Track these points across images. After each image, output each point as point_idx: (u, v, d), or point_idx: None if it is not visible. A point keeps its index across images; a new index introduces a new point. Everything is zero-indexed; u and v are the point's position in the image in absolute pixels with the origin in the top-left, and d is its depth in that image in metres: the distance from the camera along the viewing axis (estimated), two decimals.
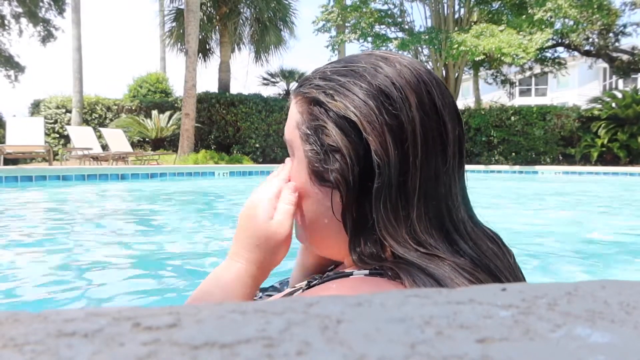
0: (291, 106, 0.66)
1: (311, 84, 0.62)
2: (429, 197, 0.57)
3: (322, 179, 0.60)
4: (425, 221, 0.57)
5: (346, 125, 0.57)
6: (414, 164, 0.56)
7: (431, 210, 0.57)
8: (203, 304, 0.30)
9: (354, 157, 0.56)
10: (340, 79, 0.59)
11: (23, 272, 2.03)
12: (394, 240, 0.56)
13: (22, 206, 4.63)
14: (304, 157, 0.61)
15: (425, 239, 0.56)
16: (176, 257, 2.39)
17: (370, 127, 0.55)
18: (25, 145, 9.71)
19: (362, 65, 0.59)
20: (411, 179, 0.56)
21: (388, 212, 0.56)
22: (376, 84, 0.57)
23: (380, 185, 0.55)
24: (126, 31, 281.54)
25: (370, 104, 0.56)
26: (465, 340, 0.22)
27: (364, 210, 0.57)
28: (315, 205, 0.62)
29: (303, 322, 0.24)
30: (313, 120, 0.60)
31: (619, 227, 3.64)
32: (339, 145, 0.57)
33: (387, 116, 0.55)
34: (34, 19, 16.41)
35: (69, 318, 0.24)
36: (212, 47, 16.93)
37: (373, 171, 0.56)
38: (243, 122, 13.90)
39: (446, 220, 0.58)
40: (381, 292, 0.38)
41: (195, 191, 6.50)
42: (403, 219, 0.56)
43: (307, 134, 0.61)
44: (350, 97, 0.57)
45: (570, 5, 12.64)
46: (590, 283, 0.38)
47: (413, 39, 14.20)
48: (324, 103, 0.59)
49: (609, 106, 14.61)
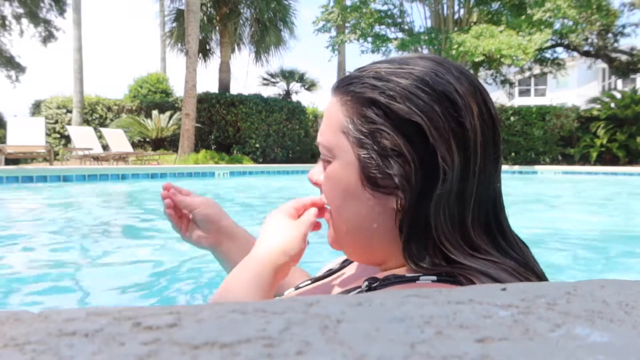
0: (332, 106, 0.63)
1: (364, 83, 0.59)
2: (482, 203, 0.58)
3: (375, 184, 0.58)
4: (478, 227, 0.57)
5: (410, 130, 0.55)
6: (473, 171, 0.56)
7: (482, 215, 0.58)
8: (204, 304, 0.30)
9: (418, 162, 0.55)
10: (401, 81, 0.56)
11: (23, 272, 2.03)
12: (452, 245, 0.56)
13: (22, 206, 4.63)
14: (355, 161, 0.59)
15: (479, 244, 0.57)
16: (176, 257, 2.39)
17: (437, 133, 0.54)
18: (26, 145, 9.70)
19: (420, 68, 0.57)
20: (469, 185, 0.56)
21: (447, 217, 0.56)
22: (440, 90, 0.56)
23: (442, 191, 0.55)
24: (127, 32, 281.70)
25: (436, 109, 0.55)
26: (464, 340, 0.22)
27: (421, 215, 0.57)
28: (364, 210, 0.60)
29: (303, 321, 0.24)
30: (368, 123, 0.57)
31: (619, 226, 3.64)
32: (402, 149, 0.55)
33: (452, 122, 0.55)
34: (34, 19, 16.41)
35: (70, 318, 0.24)
36: (212, 47, 16.93)
37: (434, 176, 0.55)
38: (243, 122, 13.89)
39: (493, 225, 0.59)
40: (381, 292, 0.38)
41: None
42: (458, 225, 0.56)
43: (359, 137, 0.58)
44: (414, 100, 0.55)
45: (570, 6, 12.64)
46: (589, 283, 0.38)
47: (413, 40, 14.20)
48: (384, 105, 0.56)
49: (608, 106, 14.62)
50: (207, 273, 2.07)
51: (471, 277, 0.54)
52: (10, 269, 2.08)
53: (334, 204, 0.63)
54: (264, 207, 4.58)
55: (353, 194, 0.60)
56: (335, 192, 0.62)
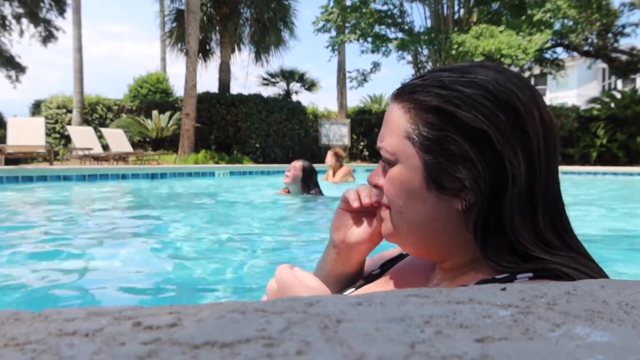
0: (394, 113, 0.66)
1: (429, 92, 0.62)
2: (549, 202, 0.62)
3: (440, 187, 0.62)
4: (547, 225, 0.61)
5: (476, 136, 0.59)
6: (539, 173, 0.60)
7: (549, 213, 0.62)
8: (204, 304, 0.30)
9: (485, 166, 0.59)
10: (466, 90, 0.60)
11: (24, 272, 2.02)
12: (529, 243, 0.60)
13: (23, 206, 4.63)
14: (420, 165, 0.63)
15: (551, 240, 0.61)
16: (177, 257, 2.39)
17: (503, 139, 0.58)
18: (26, 145, 9.71)
19: (482, 77, 0.61)
20: (537, 187, 0.60)
21: (519, 217, 0.59)
22: (503, 98, 0.59)
23: (513, 194, 0.59)
24: (127, 32, 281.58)
25: (501, 117, 0.58)
26: (464, 339, 0.22)
27: (494, 216, 0.60)
28: (428, 210, 0.64)
29: (303, 321, 0.24)
30: (435, 129, 0.61)
31: (618, 226, 3.64)
32: (469, 155, 0.59)
33: (517, 129, 0.58)
34: (34, 19, 16.42)
35: (70, 317, 0.24)
36: (212, 47, 16.93)
37: (503, 180, 0.59)
38: (243, 122, 13.89)
39: (558, 222, 0.63)
40: (381, 291, 0.38)
41: (196, 191, 6.50)
42: (531, 224, 0.60)
43: (426, 143, 0.62)
44: (479, 109, 0.59)
45: (570, 6, 12.63)
46: (589, 282, 0.38)
47: (413, 40, 14.20)
48: (450, 113, 0.60)
49: (607, 106, 14.62)
50: (207, 273, 2.07)
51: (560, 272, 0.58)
52: (10, 268, 2.08)
53: (396, 204, 0.67)
54: (264, 206, 4.58)
55: (417, 195, 0.64)
56: (398, 193, 0.66)
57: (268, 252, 2.50)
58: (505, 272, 0.60)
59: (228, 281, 1.96)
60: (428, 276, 0.75)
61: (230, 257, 2.35)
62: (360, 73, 16.66)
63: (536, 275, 0.59)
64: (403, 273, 0.80)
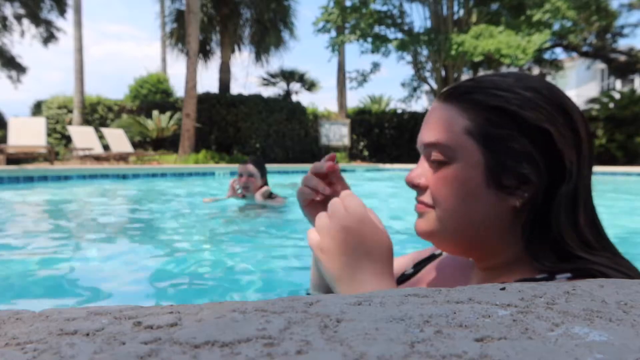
0: (447, 112, 0.67)
1: (488, 93, 0.65)
2: (588, 203, 0.65)
3: (500, 184, 0.63)
4: (587, 224, 0.64)
5: (537, 135, 0.62)
6: (583, 174, 0.64)
7: (588, 213, 0.64)
8: (204, 303, 0.30)
9: (545, 164, 0.62)
10: (526, 93, 0.63)
11: (24, 272, 2.02)
12: (573, 242, 0.62)
13: (23, 206, 4.63)
14: (480, 162, 0.64)
15: (590, 240, 0.63)
16: (177, 257, 2.39)
17: (562, 139, 0.62)
18: (27, 145, 9.71)
19: (535, 84, 0.65)
20: (580, 186, 0.63)
21: (566, 216, 0.62)
22: (558, 102, 0.63)
23: (565, 192, 0.62)
24: (128, 32, 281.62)
25: (559, 119, 0.62)
26: (464, 339, 0.22)
27: (543, 214, 0.63)
28: (483, 209, 0.65)
29: (303, 321, 0.24)
30: (496, 127, 0.63)
31: (617, 226, 3.64)
32: (531, 152, 0.62)
33: (571, 131, 0.63)
34: (35, 20, 16.42)
35: (71, 317, 0.25)
36: (212, 47, 16.94)
37: (558, 178, 0.62)
38: (243, 122, 13.89)
39: (595, 222, 0.65)
40: (381, 291, 0.38)
41: (196, 191, 6.50)
42: (573, 223, 0.63)
43: (489, 141, 0.64)
44: (540, 110, 0.62)
45: (569, 7, 12.64)
46: (588, 282, 0.38)
47: (412, 40, 14.19)
48: (512, 112, 0.62)
49: (606, 107, 14.63)
50: (207, 273, 2.07)
51: (599, 272, 0.59)
52: (10, 268, 2.08)
53: (447, 204, 0.66)
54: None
55: (473, 193, 0.65)
56: (452, 192, 0.66)
57: (270, 251, 2.50)
58: (545, 271, 0.62)
59: (228, 281, 1.96)
60: (466, 275, 0.76)
61: (232, 257, 2.35)
62: (360, 73, 16.68)
63: (575, 275, 0.60)
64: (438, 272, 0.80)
